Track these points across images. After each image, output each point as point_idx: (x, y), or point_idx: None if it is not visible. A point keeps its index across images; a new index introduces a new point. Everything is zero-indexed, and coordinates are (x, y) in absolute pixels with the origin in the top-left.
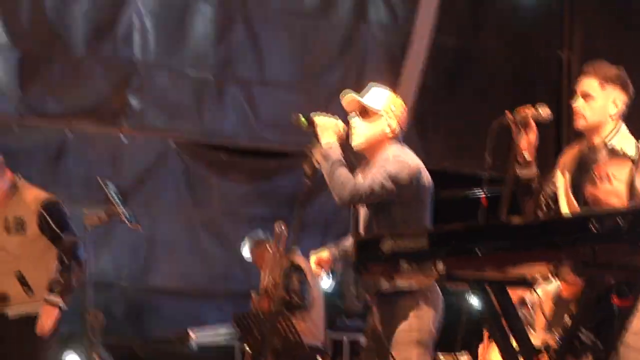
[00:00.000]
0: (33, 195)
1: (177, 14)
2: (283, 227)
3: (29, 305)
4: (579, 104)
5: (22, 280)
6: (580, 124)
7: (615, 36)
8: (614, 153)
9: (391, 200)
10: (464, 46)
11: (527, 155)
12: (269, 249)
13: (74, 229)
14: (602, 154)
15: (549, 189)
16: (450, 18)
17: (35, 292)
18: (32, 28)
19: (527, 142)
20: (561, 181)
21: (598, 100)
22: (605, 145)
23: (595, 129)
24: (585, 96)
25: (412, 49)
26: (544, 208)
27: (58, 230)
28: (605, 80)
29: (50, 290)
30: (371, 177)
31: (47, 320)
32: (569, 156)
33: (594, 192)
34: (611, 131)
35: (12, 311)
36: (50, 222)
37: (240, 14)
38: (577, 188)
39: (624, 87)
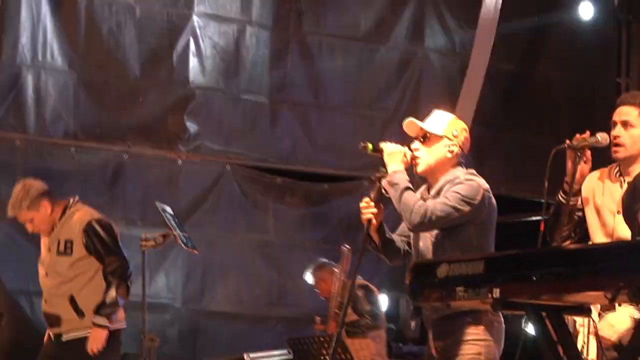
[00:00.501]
0: (80, 216)
1: (233, 38)
2: (349, 249)
3: (80, 328)
4: (619, 132)
5: (74, 304)
6: (620, 153)
7: None
8: None
9: (464, 222)
10: (521, 72)
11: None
12: (335, 272)
13: (121, 249)
14: None
15: (575, 216)
16: (507, 43)
17: (86, 314)
18: (89, 51)
19: (581, 171)
20: (590, 206)
21: (637, 129)
22: None
23: (634, 158)
24: (625, 124)
25: (470, 74)
26: (572, 234)
27: (102, 250)
28: None
29: (97, 312)
30: (444, 200)
31: (95, 342)
32: (593, 182)
33: None
34: None
35: (66, 333)
36: (95, 242)
37: (295, 38)
38: (630, 214)
39: None
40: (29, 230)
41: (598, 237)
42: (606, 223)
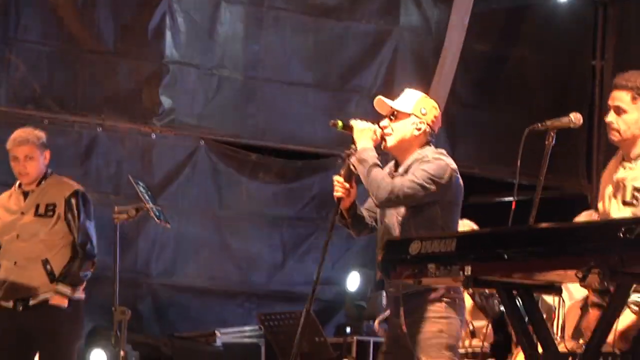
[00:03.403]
0: (67, 184)
1: (208, 13)
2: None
3: (50, 290)
4: (612, 118)
5: (47, 267)
6: (615, 138)
7: None
8: None
9: (430, 201)
10: (496, 52)
11: None
12: None
13: (91, 225)
14: None
15: None
16: (483, 24)
17: (57, 278)
18: (63, 24)
19: None
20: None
21: (631, 114)
22: None
23: (630, 141)
24: (618, 110)
25: (444, 54)
26: None
27: (77, 220)
28: (638, 92)
29: (60, 280)
30: (411, 178)
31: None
32: (609, 168)
33: None
34: None
35: (34, 298)
36: (74, 211)
37: (269, 14)
38: None
39: None
40: (15, 169)
41: None
42: (605, 207)
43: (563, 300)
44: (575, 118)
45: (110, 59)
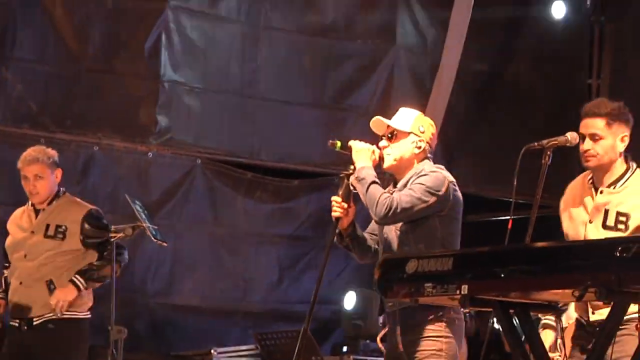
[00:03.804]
0: (77, 204)
1: (204, 31)
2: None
3: (52, 310)
4: (588, 145)
5: (50, 288)
6: (592, 162)
7: None
8: None
9: (430, 214)
10: (492, 71)
11: None
12: None
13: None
14: None
15: None
16: (479, 43)
17: None
18: (59, 43)
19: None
20: (566, 215)
21: (607, 140)
22: None
23: (606, 166)
24: (593, 137)
25: (441, 73)
26: None
27: (102, 236)
28: (611, 118)
29: (79, 273)
30: (409, 192)
31: (62, 294)
32: (573, 190)
33: None
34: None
35: (37, 317)
36: (95, 231)
37: (266, 33)
38: None
39: (627, 122)
40: (26, 189)
41: None
42: (578, 233)
43: (560, 320)
44: (572, 137)
45: (107, 78)
